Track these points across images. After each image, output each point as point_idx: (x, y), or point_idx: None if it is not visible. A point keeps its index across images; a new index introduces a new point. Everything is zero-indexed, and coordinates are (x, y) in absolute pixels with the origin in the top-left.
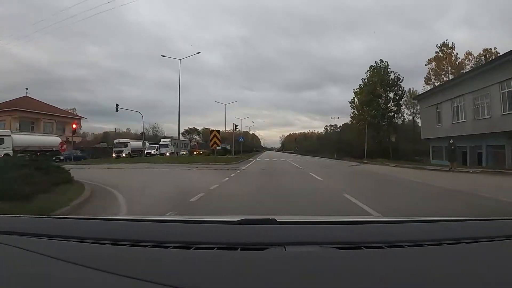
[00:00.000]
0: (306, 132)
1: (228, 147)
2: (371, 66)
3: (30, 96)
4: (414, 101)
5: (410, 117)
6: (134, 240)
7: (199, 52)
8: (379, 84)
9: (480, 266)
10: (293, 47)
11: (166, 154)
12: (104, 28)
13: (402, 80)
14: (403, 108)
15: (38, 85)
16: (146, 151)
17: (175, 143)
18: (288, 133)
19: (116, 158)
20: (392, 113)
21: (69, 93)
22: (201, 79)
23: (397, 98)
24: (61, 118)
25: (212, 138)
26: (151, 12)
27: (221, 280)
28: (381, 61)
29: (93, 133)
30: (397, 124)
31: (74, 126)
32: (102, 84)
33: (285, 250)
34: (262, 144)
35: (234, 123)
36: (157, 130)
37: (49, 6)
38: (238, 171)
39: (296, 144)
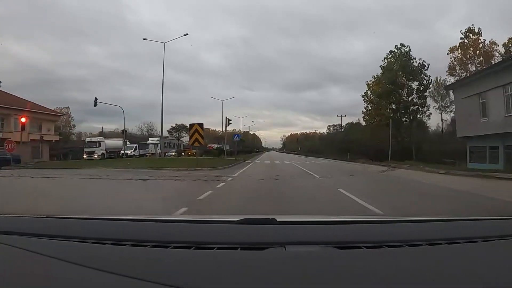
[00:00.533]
0: (307, 132)
1: (228, 147)
2: (390, 51)
3: (3, 90)
4: (442, 92)
5: (438, 112)
6: (134, 240)
7: (187, 34)
8: (400, 72)
9: (480, 266)
10: (293, 47)
11: (146, 155)
12: (104, 28)
13: (428, 67)
14: (427, 101)
15: (38, 85)
16: (121, 152)
17: (156, 143)
18: (289, 133)
19: (87, 159)
20: (416, 106)
21: (69, 93)
22: (201, 79)
23: (421, 88)
24: (36, 114)
25: (193, 134)
26: (151, 12)
27: (221, 280)
28: (403, 45)
29: (91, 133)
30: (422, 120)
31: (23, 120)
32: (103, 84)
33: (285, 250)
34: (263, 145)
35: (226, 117)
36: (152, 130)
37: (51, 6)
38: (222, 183)
39: (298, 144)
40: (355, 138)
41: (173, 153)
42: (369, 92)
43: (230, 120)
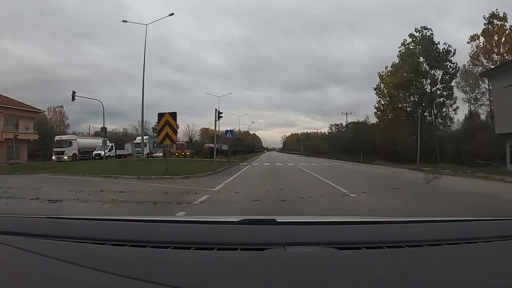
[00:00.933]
0: (308, 132)
1: (226, 147)
2: (410, 35)
3: None
4: (472, 82)
5: (466, 105)
6: (134, 240)
7: (173, 14)
8: (423, 58)
9: (480, 266)
10: (293, 47)
11: (126, 157)
12: (105, 29)
13: (454, 53)
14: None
15: (39, 85)
16: (94, 153)
17: (133, 143)
18: (289, 134)
19: (57, 161)
20: (442, 98)
21: (70, 93)
22: (201, 79)
23: (447, 78)
24: (12, 110)
25: (163, 127)
26: (151, 12)
27: (221, 281)
28: (425, 28)
29: (88, 133)
30: (447, 114)
31: None
32: (103, 84)
33: (285, 250)
34: (263, 145)
35: (216, 109)
36: (147, 129)
37: (51, 7)
38: (179, 214)
39: (299, 144)
40: (366, 138)
41: (161, 154)
42: (381, 84)
43: (221, 113)
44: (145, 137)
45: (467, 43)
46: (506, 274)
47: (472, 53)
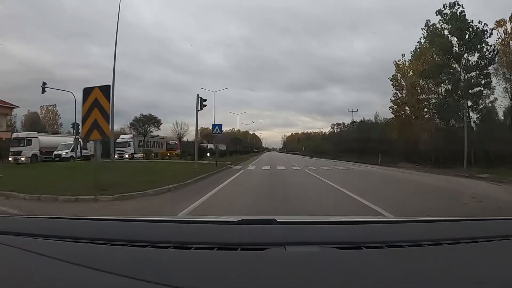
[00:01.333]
0: (308, 132)
1: (223, 147)
2: (439, 11)
3: None
4: None
5: (506, 96)
6: (134, 240)
7: None
8: (456, 38)
9: (480, 266)
10: (293, 47)
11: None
12: (104, 28)
13: (491, 34)
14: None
15: (40, 85)
16: (54, 153)
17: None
18: (290, 134)
19: (15, 163)
20: (479, 88)
21: (70, 93)
22: (201, 79)
23: (482, 64)
24: None
25: (90, 111)
26: (151, 12)
27: (221, 280)
28: (456, 3)
29: (72, 131)
30: (485, 107)
31: None
32: (103, 84)
33: (285, 250)
34: (263, 145)
35: (198, 95)
36: (144, 129)
37: (52, 7)
38: None
39: (300, 144)
40: (377, 136)
41: (141, 155)
42: (398, 74)
43: (205, 100)
44: (129, 136)
45: (493, 29)
46: (506, 274)
47: (500, 39)
